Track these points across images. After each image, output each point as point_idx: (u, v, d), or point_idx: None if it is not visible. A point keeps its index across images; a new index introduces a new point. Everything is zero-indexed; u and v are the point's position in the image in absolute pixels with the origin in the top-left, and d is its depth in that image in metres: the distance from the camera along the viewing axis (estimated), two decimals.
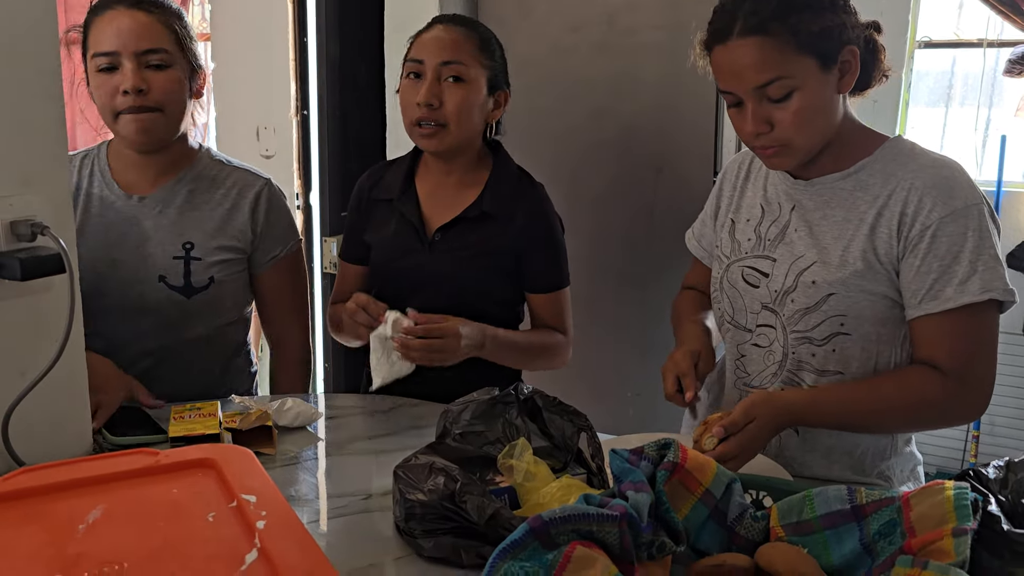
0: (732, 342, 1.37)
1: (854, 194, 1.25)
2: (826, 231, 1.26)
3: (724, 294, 1.38)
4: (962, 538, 0.80)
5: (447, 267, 1.58)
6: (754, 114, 1.18)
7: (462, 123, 1.53)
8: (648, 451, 0.97)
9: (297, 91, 3.34)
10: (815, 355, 1.27)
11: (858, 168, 1.26)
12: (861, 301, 1.23)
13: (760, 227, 1.34)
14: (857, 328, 1.24)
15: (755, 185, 1.39)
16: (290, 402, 1.42)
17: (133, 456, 0.89)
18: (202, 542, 0.74)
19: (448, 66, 1.51)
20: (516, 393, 1.19)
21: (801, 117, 1.17)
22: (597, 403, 2.29)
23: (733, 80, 1.18)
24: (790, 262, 1.28)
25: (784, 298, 1.28)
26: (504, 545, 0.80)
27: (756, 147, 1.24)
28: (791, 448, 1.32)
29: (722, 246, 1.40)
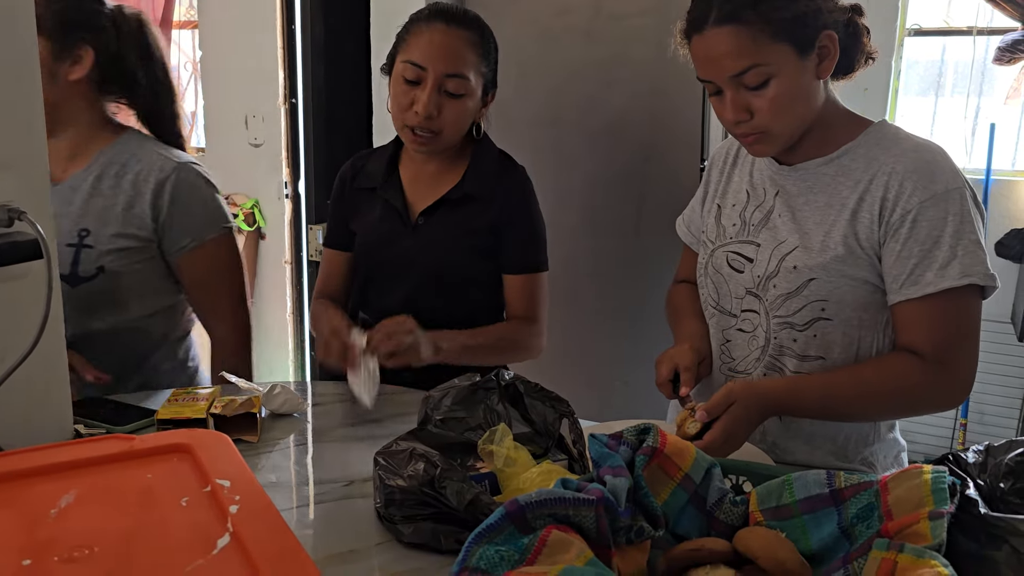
0: (717, 327, 1.37)
1: (836, 179, 1.25)
2: (808, 216, 1.26)
3: (709, 279, 1.38)
4: (938, 521, 0.80)
5: (431, 249, 1.58)
6: (732, 102, 1.18)
7: (455, 133, 1.55)
8: (627, 436, 0.96)
9: (285, 79, 3.32)
10: (796, 340, 1.26)
11: (841, 153, 1.25)
12: (842, 286, 1.22)
13: (745, 212, 1.34)
14: (838, 313, 1.24)
15: (741, 170, 1.39)
16: (279, 388, 1.43)
17: (108, 441, 0.88)
18: (174, 526, 0.74)
19: (451, 79, 1.49)
20: (497, 379, 1.19)
21: (778, 104, 1.17)
22: (584, 390, 2.30)
23: (710, 69, 1.18)
24: (773, 247, 1.28)
25: (767, 283, 1.28)
26: (480, 529, 0.80)
27: (737, 134, 1.24)
28: (773, 434, 1.32)
29: (707, 231, 1.40)
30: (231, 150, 3.50)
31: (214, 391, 1.40)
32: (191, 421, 1.28)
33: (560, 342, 1.99)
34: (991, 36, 2.76)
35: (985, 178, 2.75)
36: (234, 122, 3.46)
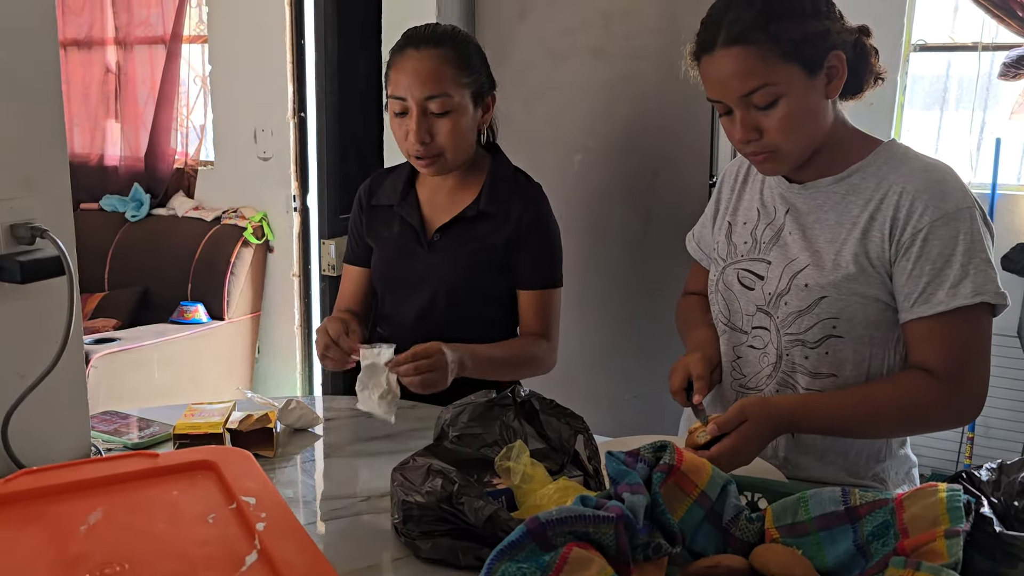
0: (728, 344, 1.38)
1: (847, 198, 1.26)
2: (819, 234, 1.27)
3: (720, 296, 1.39)
4: (954, 539, 0.81)
5: (447, 266, 1.59)
6: (742, 122, 1.20)
7: (457, 149, 1.55)
8: (644, 453, 0.97)
9: (294, 93, 3.35)
10: (808, 357, 1.27)
11: (851, 172, 1.26)
12: (853, 304, 1.23)
13: (756, 230, 1.35)
14: (849, 331, 1.24)
15: (752, 188, 1.40)
16: (295, 403, 1.44)
17: (132, 458, 0.89)
18: (202, 543, 0.75)
19: (432, 100, 1.49)
20: (513, 396, 1.20)
21: (788, 123, 1.18)
22: (595, 406, 2.30)
23: (720, 89, 1.20)
24: (784, 264, 1.29)
25: (778, 300, 1.29)
26: (501, 546, 0.81)
27: (747, 153, 1.25)
28: (784, 449, 1.32)
29: (719, 248, 1.41)
30: (240, 164, 3.53)
31: (229, 405, 1.41)
32: (207, 436, 1.29)
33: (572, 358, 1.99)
34: (996, 52, 2.78)
35: (991, 193, 2.76)
36: (243, 136, 3.49)
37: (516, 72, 2.44)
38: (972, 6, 2.69)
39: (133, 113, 3.79)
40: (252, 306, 3.51)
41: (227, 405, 1.41)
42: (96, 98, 3.86)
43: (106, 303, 3.46)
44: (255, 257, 3.46)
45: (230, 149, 3.57)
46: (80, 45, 3.84)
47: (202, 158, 3.75)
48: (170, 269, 3.48)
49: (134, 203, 3.70)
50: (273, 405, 1.45)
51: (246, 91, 3.46)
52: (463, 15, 2.53)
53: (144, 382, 3.08)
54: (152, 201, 3.71)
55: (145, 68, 3.74)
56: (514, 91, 2.44)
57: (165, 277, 3.49)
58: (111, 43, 3.81)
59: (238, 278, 3.40)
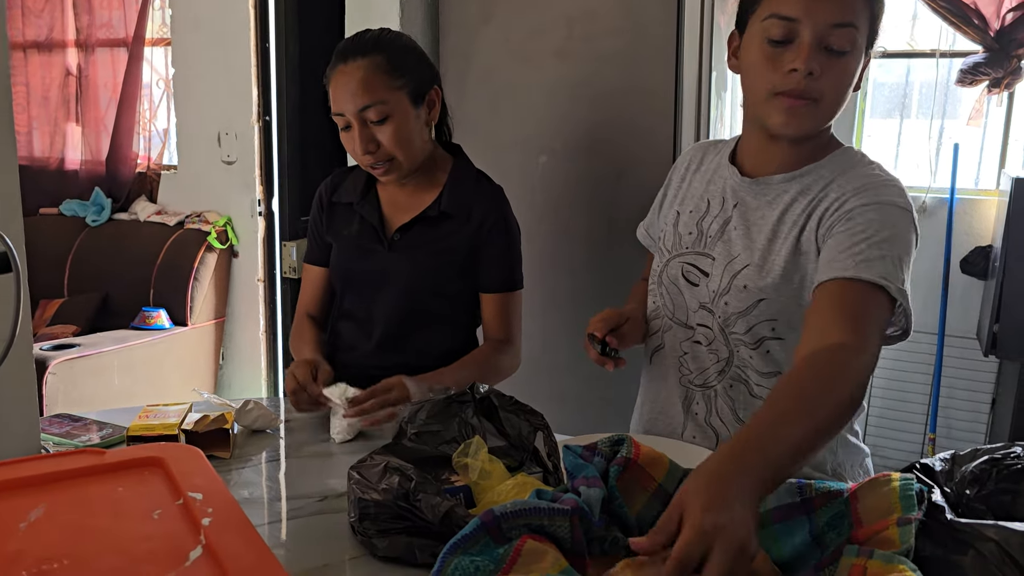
0: (674, 339, 1.36)
1: (797, 197, 1.24)
2: (761, 231, 1.26)
3: (664, 289, 1.37)
4: (907, 527, 0.82)
5: (407, 266, 1.58)
6: (811, 50, 1.15)
7: (407, 151, 1.53)
8: (601, 447, 0.97)
9: (259, 96, 3.32)
10: (752, 357, 1.27)
11: (804, 172, 1.25)
12: (791, 306, 1.22)
13: (703, 222, 1.33)
14: (788, 333, 1.24)
15: (702, 177, 1.38)
16: (252, 404, 1.42)
17: (78, 455, 0.87)
18: (145, 539, 0.73)
19: (367, 110, 1.48)
20: (472, 393, 1.20)
21: (843, 79, 1.18)
22: (561, 406, 2.30)
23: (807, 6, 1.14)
24: (726, 263, 1.28)
25: (719, 299, 1.28)
26: (455, 540, 0.80)
27: (784, 92, 1.18)
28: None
29: (664, 238, 1.39)
30: (204, 168, 3.49)
31: (185, 407, 1.39)
32: (162, 437, 1.27)
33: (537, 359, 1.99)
34: (954, 58, 2.83)
35: (949, 197, 2.80)
36: (207, 139, 3.45)
37: (480, 74, 2.44)
38: (930, 14, 2.74)
39: (94, 116, 3.73)
40: (216, 311, 3.47)
41: (183, 406, 1.39)
42: (56, 101, 3.79)
43: (65, 309, 3.40)
44: (219, 262, 3.41)
45: (193, 153, 3.52)
46: (40, 47, 3.78)
47: (165, 162, 3.70)
48: (132, 274, 3.43)
49: (95, 208, 3.64)
50: (230, 406, 1.43)
51: (210, 94, 3.42)
52: (426, 18, 2.52)
53: (104, 389, 3.03)
54: (113, 206, 3.65)
55: (107, 71, 3.69)
56: (479, 93, 2.44)
57: (126, 283, 3.43)
58: (72, 45, 3.75)
59: (202, 283, 3.36)
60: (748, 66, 1.23)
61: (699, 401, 1.35)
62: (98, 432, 1.39)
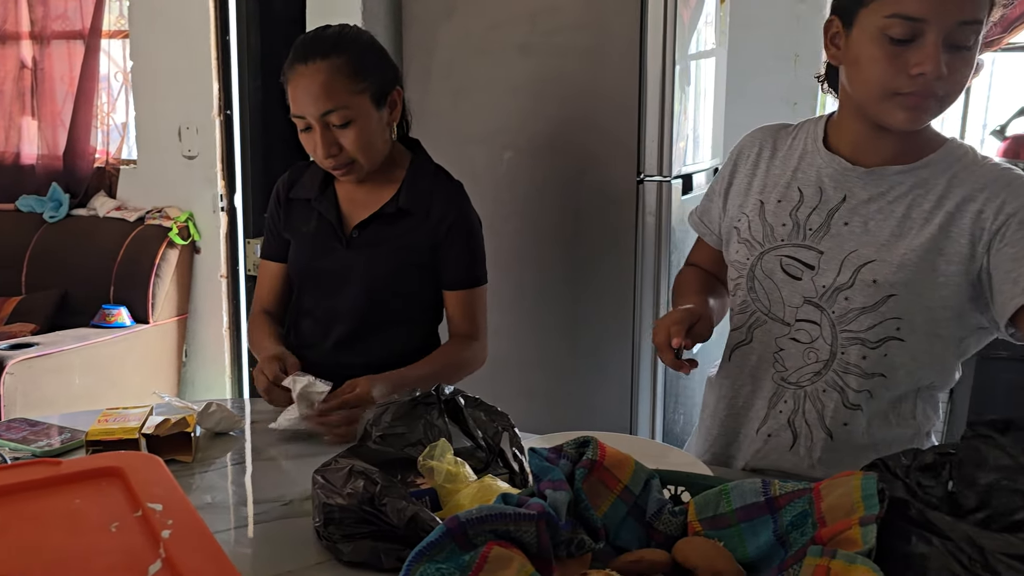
0: (768, 334, 1.29)
1: (914, 190, 1.19)
2: (884, 226, 1.20)
3: (758, 283, 1.29)
4: (869, 527, 0.82)
5: (365, 263, 1.57)
6: (941, 50, 1.09)
7: (368, 154, 1.52)
8: (567, 449, 0.97)
9: (220, 90, 3.27)
10: (866, 358, 1.21)
11: (921, 164, 1.20)
12: (919, 307, 1.18)
13: (798, 212, 1.26)
14: (911, 335, 1.19)
15: (784, 164, 1.31)
16: (215, 406, 1.40)
17: (32, 467, 0.85)
18: (103, 553, 0.71)
19: (330, 115, 1.45)
20: (437, 394, 1.19)
21: (967, 74, 1.12)
22: (529, 403, 2.30)
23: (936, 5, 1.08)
24: (842, 256, 1.21)
25: (835, 295, 1.22)
26: (420, 547, 0.79)
27: (907, 92, 1.13)
28: (821, 450, 1.26)
29: (750, 228, 1.31)
30: (164, 162, 3.42)
31: (146, 410, 1.36)
32: (122, 442, 1.24)
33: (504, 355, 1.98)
34: None
35: None
36: (167, 134, 3.38)
37: (443, 68, 2.43)
38: None
39: (50, 110, 3.64)
40: (178, 308, 3.41)
41: (143, 410, 1.37)
42: (11, 94, 3.70)
43: (23, 307, 3.32)
44: (181, 258, 3.36)
45: (154, 147, 3.46)
46: None
47: (124, 157, 3.63)
48: (91, 271, 3.36)
49: (52, 203, 3.56)
50: (192, 408, 1.41)
51: (170, 88, 3.35)
52: (388, 12, 2.50)
53: (64, 389, 2.97)
54: (72, 201, 3.57)
55: (63, 63, 3.60)
56: (441, 87, 2.43)
57: (86, 280, 3.36)
58: (26, 37, 3.66)
59: (163, 280, 3.30)
60: (861, 61, 1.16)
61: (788, 399, 1.28)
62: (57, 437, 1.36)
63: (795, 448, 1.28)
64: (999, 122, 2.69)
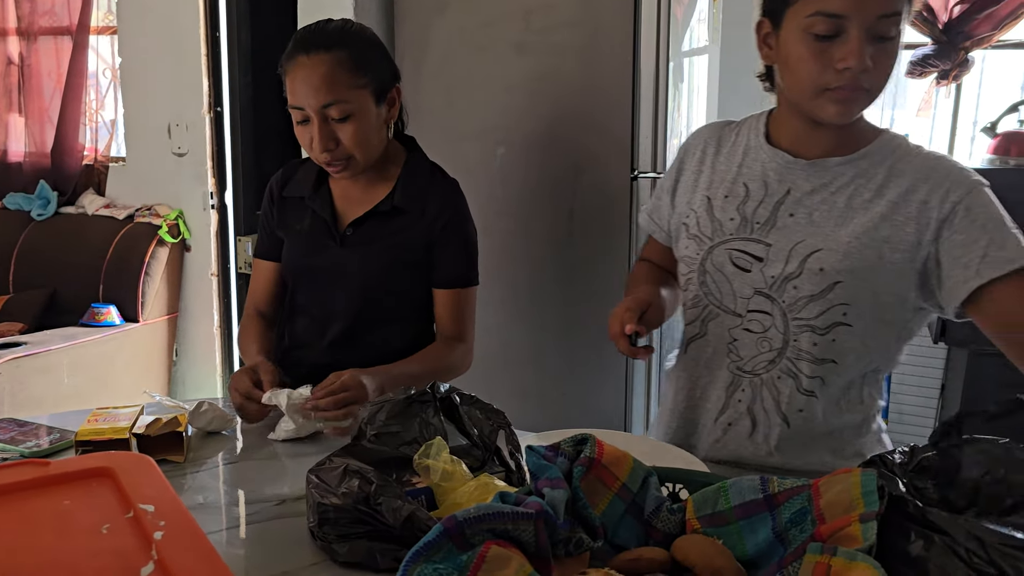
0: (721, 327, 1.33)
1: (855, 180, 1.23)
2: (828, 217, 1.23)
3: (709, 277, 1.32)
4: (869, 523, 0.82)
5: (359, 261, 1.56)
6: (864, 46, 1.12)
7: (365, 150, 1.50)
8: (564, 447, 0.96)
9: (210, 86, 3.24)
10: (816, 344, 1.25)
11: (861, 155, 1.24)
12: (865, 292, 1.22)
13: (744, 207, 1.30)
14: (858, 319, 1.23)
15: (729, 160, 1.35)
16: (206, 405, 1.38)
17: (20, 467, 0.83)
18: (94, 555, 0.70)
19: (330, 108, 1.43)
20: (433, 392, 1.18)
21: (891, 65, 1.16)
22: (522, 402, 2.29)
23: (855, 2, 1.11)
24: (789, 247, 1.25)
25: (784, 284, 1.25)
26: (418, 547, 0.78)
27: (835, 87, 1.16)
28: (777, 438, 1.30)
29: (698, 224, 1.34)
30: (153, 160, 3.40)
31: (136, 409, 1.35)
32: (112, 442, 1.23)
33: (497, 354, 1.98)
34: (904, 50, 2.87)
35: None
36: (156, 131, 3.36)
37: (436, 65, 2.41)
38: None
39: (38, 107, 3.61)
40: (169, 307, 3.39)
41: (134, 409, 1.35)
42: None
43: (11, 306, 3.29)
44: (171, 256, 3.34)
45: (143, 144, 3.43)
46: None
47: (113, 154, 3.60)
48: (80, 270, 3.33)
49: (40, 201, 3.53)
50: (183, 408, 1.39)
51: (159, 84, 3.33)
52: (381, 7, 2.48)
53: (53, 389, 2.94)
54: (60, 199, 3.54)
55: (50, 60, 3.57)
56: (435, 84, 2.41)
57: (75, 278, 3.33)
58: (13, 33, 3.62)
59: (153, 278, 3.28)
60: (790, 60, 1.19)
61: (745, 388, 1.32)
62: (46, 437, 1.34)
63: (753, 436, 1.31)
64: (990, 119, 2.69)
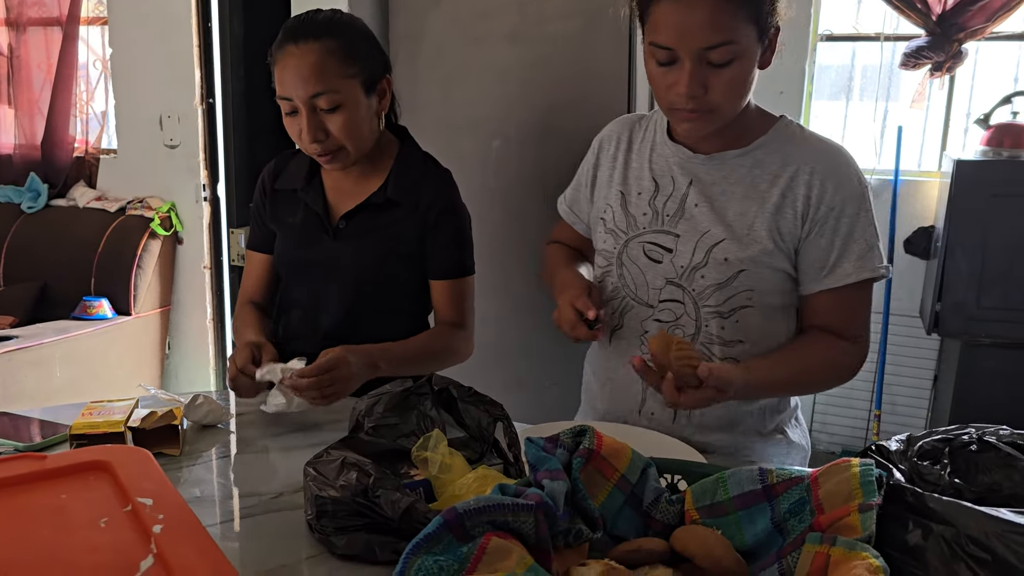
0: (635, 318, 1.38)
1: (752, 171, 1.29)
2: (728, 207, 1.29)
3: (624, 269, 1.37)
4: (868, 513, 0.82)
5: (353, 254, 1.55)
6: (692, 75, 1.16)
7: (356, 141, 1.48)
8: (563, 439, 0.96)
9: (202, 78, 3.22)
10: (724, 327, 1.31)
11: (756, 147, 1.30)
12: (766, 276, 1.29)
13: (655, 201, 1.35)
14: (760, 301, 1.30)
15: (640, 156, 1.39)
16: (201, 398, 1.37)
17: (16, 461, 0.83)
18: (92, 550, 0.70)
19: (318, 98, 1.42)
20: (430, 384, 1.17)
21: (734, 85, 1.18)
22: (516, 392, 2.29)
23: (678, 36, 1.14)
24: (696, 238, 1.30)
25: (693, 274, 1.31)
26: (418, 539, 0.78)
27: (679, 108, 1.21)
28: (699, 415, 1.36)
29: (614, 219, 1.39)
30: (145, 152, 3.38)
31: (131, 402, 1.34)
32: (107, 436, 1.22)
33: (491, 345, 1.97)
34: (897, 42, 2.87)
35: (894, 179, 2.85)
36: (148, 122, 3.34)
37: (431, 56, 2.40)
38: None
39: (28, 99, 3.58)
40: (161, 300, 3.38)
41: (129, 402, 1.34)
42: None
43: (2, 299, 3.27)
44: (163, 249, 3.32)
45: (134, 136, 3.41)
46: None
47: (104, 146, 3.58)
48: (71, 263, 3.31)
49: (31, 194, 3.50)
50: (179, 401, 1.39)
51: (150, 75, 3.31)
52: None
53: (45, 382, 2.93)
54: (51, 191, 3.52)
55: (40, 51, 3.54)
56: (429, 75, 2.40)
57: (66, 271, 3.32)
58: (2, 24, 3.59)
59: (145, 271, 3.27)
60: (648, 77, 1.25)
61: None
62: (39, 430, 1.33)
63: (677, 421, 1.37)
64: (983, 111, 2.69)
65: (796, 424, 1.43)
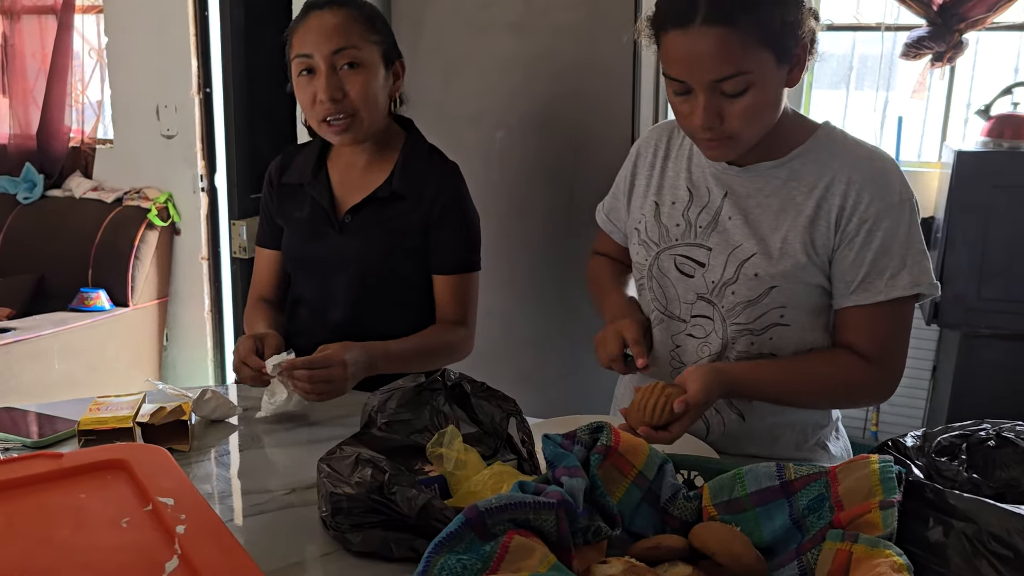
0: (665, 332, 1.34)
1: (788, 183, 1.23)
2: (762, 220, 1.24)
3: (655, 282, 1.33)
4: (889, 510, 0.82)
5: (359, 248, 1.54)
6: (706, 107, 1.13)
7: (371, 108, 1.47)
8: (581, 435, 0.96)
9: (199, 67, 3.20)
10: (754, 344, 1.27)
11: (792, 157, 1.24)
12: (800, 292, 1.23)
13: (688, 212, 1.30)
14: (795, 318, 1.25)
15: (676, 165, 1.35)
16: (210, 393, 1.37)
17: (33, 460, 0.82)
18: (115, 550, 0.69)
19: (341, 53, 1.43)
20: (443, 379, 1.17)
21: (752, 112, 1.13)
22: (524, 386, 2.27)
23: (687, 70, 1.12)
24: (727, 252, 1.25)
25: (723, 289, 1.26)
26: (440, 538, 0.78)
27: (702, 139, 1.19)
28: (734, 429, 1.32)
29: (647, 230, 1.35)
30: (141, 142, 3.35)
31: (139, 398, 1.33)
32: (116, 431, 1.21)
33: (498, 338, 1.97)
34: (898, 32, 2.86)
35: None
36: (144, 112, 3.31)
37: (433, 46, 2.39)
38: None
39: (22, 88, 3.55)
40: (159, 291, 3.36)
41: (136, 397, 1.33)
42: None
43: None
44: (161, 240, 3.30)
45: (130, 126, 3.38)
46: None
47: (100, 136, 3.55)
48: (68, 254, 3.29)
49: (26, 184, 3.47)
50: (187, 396, 1.38)
51: (146, 65, 3.28)
52: None
53: (43, 375, 2.91)
54: (46, 182, 3.49)
55: (34, 40, 3.51)
56: (432, 65, 2.39)
57: (63, 263, 3.29)
58: None
59: (143, 262, 3.25)
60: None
61: None
62: (47, 426, 1.32)
63: (709, 436, 1.32)
64: (984, 101, 2.69)
65: (838, 438, 1.38)
